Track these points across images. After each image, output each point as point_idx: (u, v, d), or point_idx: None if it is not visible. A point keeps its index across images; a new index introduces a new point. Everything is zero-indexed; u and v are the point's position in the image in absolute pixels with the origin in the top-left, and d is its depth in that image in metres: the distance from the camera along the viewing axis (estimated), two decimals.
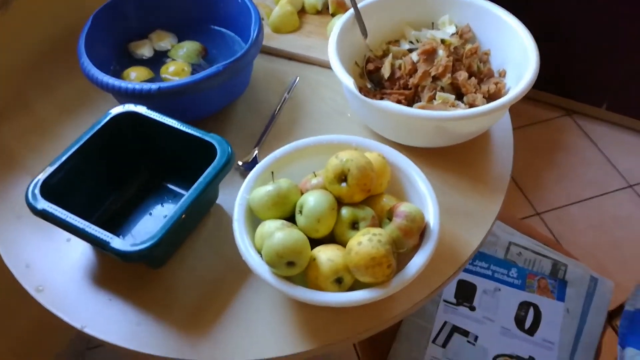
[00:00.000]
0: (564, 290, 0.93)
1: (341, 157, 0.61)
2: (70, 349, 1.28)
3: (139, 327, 0.63)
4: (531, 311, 0.91)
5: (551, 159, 1.83)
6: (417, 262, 0.57)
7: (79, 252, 0.70)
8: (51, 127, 0.85)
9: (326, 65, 0.88)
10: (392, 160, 0.67)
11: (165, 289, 0.67)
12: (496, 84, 0.81)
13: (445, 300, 0.92)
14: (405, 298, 0.64)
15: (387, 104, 0.70)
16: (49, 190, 0.65)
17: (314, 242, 0.61)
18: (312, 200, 0.60)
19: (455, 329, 0.89)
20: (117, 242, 0.59)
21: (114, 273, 0.68)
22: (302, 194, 0.64)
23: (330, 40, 0.79)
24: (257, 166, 0.67)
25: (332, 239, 0.62)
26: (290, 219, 0.63)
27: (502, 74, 0.83)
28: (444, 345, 0.87)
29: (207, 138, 0.68)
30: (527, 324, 0.89)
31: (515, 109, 0.79)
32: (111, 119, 0.71)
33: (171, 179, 0.76)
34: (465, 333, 0.88)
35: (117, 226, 0.72)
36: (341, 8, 1.00)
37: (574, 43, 1.74)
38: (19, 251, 0.71)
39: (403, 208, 0.59)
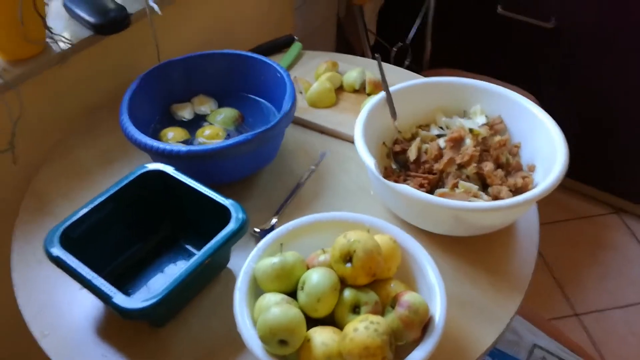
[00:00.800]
0: None
1: (349, 237, 0.60)
2: None
3: None
4: None
5: (595, 256, 1.74)
6: (416, 357, 0.55)
7: (89, 303, 0.71)
8: (88, 175, 0.90)
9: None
10: (403, 245, 0.66)
11: (163, 350, 0.66)
12: (524, 178, 0.79)
13: None
14: None
15: (406, 189, 0.70)
16: (71, 238, 0.67)
17: (314, 321, 0.59)
18: (315, 278, 0.59)
19: None
20: (120, 298, 0.60)
21: (115, 327, 0.68)
22: (308, 269, 0.63)
23: (359, 119, 0.81)
24: (268, 236, 0.67)
25: (332, 319, 0.60)
26: (294, 293, 0.62)
27: (531, 169, 0.81)
28: None
29: (223, 202, 0.70)
30: None
31: (561, 202, 0.77)
32: (138, 176, 0.74)
33: (189, 238, 0.78)
34: None
35: (130, 281, 0.73)
36: (378, 89, 1.03)
37: (626, 138, 1.70)
38: (33, 295, 0.72)
39: (407, 297, 0.58)
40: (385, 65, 1.09)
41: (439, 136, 0.86)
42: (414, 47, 1.65)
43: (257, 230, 0.79)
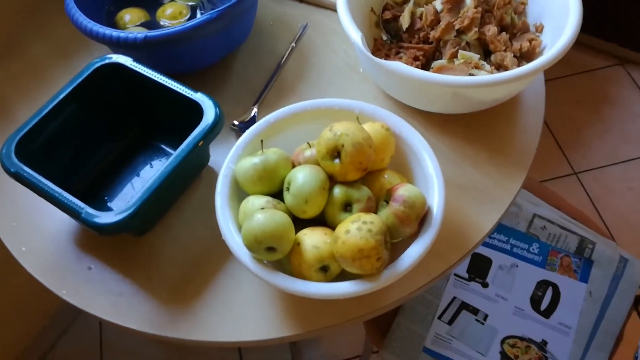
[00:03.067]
0: (588, 271, 0.85)
1: (335, 131, 0.53)
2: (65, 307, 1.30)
3: (120, 297, 0.61)
4: (549, 291, 0.84)
5: (596, 112, 1.68)
6: (412, 254, 0.51)
7: (65, 215, 0.67)
8: (45, 72, 0.80)
9: None
10: (398, 132, 0.60)
11: (149, 259, 0.63)
12: (530, 41, 0.70)
13: (456, 275, 0.86)
14: (400, 286, 0.58)
15: (397, 65, 0.61)
16: (32, 147, 0.61)
17: (303, 222, 0.55)
18: (301, 178, 0.53)
19: (464, 306, 0.83)
20: (89, 214, 0.55)
21: (97, 238, 0.64)
22: (294, 166, 0.58)
23: None
24: (247, 132, 0.60)
25: (323, 219, 0.56)
26: (279, 193, 0.57)
27: (539, 29, 0.72)
28: (450, 323, 0.82)
29: (192, 97, 0.62)
30: (544, 305, 0.83)
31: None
32: (95, 71, 0.65)
33: (162, 136, 0.71)
34: (474, 311, 0.83)
35: (104, 187, 0.68)
36: None
37: None
38: (6, 209, 0.68)
39: (402, 192, 0.52)
40: None
41: None
42: None
43: (236, 122, 0.72)
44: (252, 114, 0.73)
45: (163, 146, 0.71)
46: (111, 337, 1.33)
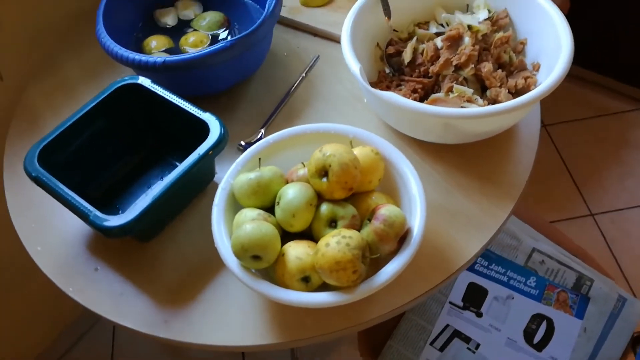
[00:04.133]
0: (584, 307, 0.86)
1: (324, 151, 0.58)
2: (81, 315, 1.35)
3: (121, 297, 0.65)
4: (543, 325, 0.85)
5: (617, 155, 1.67)
6: (389, 270, 0.54)
7: (79, 219, 0.72)
8: (75, 90, 0.88)
9: None
10: (387, 156, 0.63)
11: (151, 264, 0.68)
12: (526, 78, 0.73)
13: (451, 303, 0.87)
14: (383, 302, 0.61)
15: (391, 96, 0.65)
16: (52, 155, 0.67)
17: (292, 236, 0.59)
18: (291, 194, 0.57)
19: (456, 334, 0.84)
20: (97, 217, 0.60)
21: (105, 242, 0.70)
22: (287, 183, 0.62)
23: (346, 19, 0.75)
24: (248, 151, 0.65)
25: (310, 233, 0.59)
26: (272, 208, 0.61)
27: (536, 68, 0.75)
28: (441, 349, 0.83)
29: (201, 116, 0.67)
30: (537, 339, 0.84)
31: (583, 98, 0.71)
32: (115, 89, 0.72)
33: (174, 152, 0.76)
34: (466, 339, 0.84)
35: (117, 197, 0.73)
36: None
37: None
38: (26, 211, 0.74)
39: (384, 211, 0.56)
40: None
41: (437, 35, 0.80)
42: None
43: (243, 143, 0.77)
44: (259, 136, 0.78)
45: (174, 161, 0.76)
46: (123, 346, 1.37)
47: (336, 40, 0.90)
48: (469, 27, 0.75)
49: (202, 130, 0.67)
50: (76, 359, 1.36)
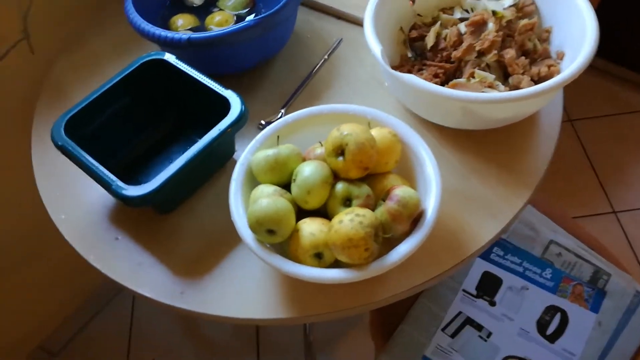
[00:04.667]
0: (600, 301, 0.85)
1: (342, 130, 0.58)
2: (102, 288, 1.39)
3: (139, 267, 0.67)
4: (557, 317, 0.84)
5: None
6: (401, 250, 0.55)
7: (102, 189, 0.74)
8: (103, 64, 0.90)
9: None
10: (404, 138, 0.63)
11: (169, 235, 0.69)
12: (549, 66, 0.73)
13: (464, 290, 0.88)
14: (395, 283, 0.62)
15: (410, 78, 0.65)
16: (78, 126, 0.69)
17: (307, 213, 0.60)
18: (307, 171, 0.58)
19: (468, 321, 0.85)
20: (118, 186, 0.62)
21: (126, 212, 0.72)
22: (304, 161, 0.63)
23: (370, 1, 0.75)
24: (266, 129, 0.66)
25: (325, 211, 0.60)
26: (289, 185, 0.62)
27: (560, 56, 0.74)
28: (452, 336, 0.83)
29: (222, 93, 0.68)
30: (550, 330, 0.83)
31: (610, 93, 0.70)
32: (141, 64, 0.73)
33: (195, 128, 0.78)
34: (478, 327, 0.84)
35: (139, 170, 0.75)
36: None
37: None
38: (52, 180, 0.76)
39: (398, 191, 0.56)
40: None
41: (461, 20, 0.79)
42: None
43: (264, 122, 0.78)
44: (279, 116, 0.79)
45: (196, 138, 0.77)
46: (142, 320, 1.41)
47: (360, 23, 0.90)
48: (494, 12, 0.74)
49: (224, 107, 0.68)
50: (95, 330, 1.40)
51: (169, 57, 0.73)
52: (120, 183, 0.62)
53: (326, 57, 0.86)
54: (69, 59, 0.91)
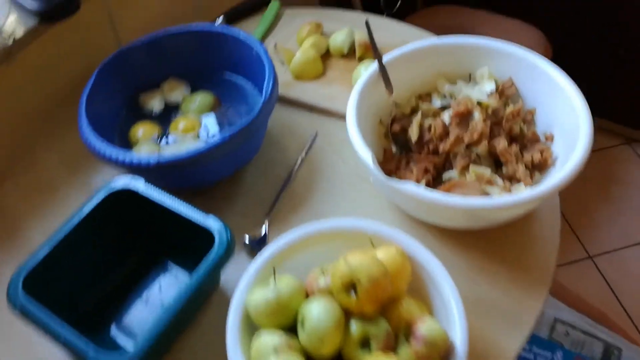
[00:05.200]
0: None
1: (350, 263, 0.52)
2: None
3: None
4: None
5: (606, 192, 1.67)
6: None
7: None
8: (55, 186, 0.81)
9: None
10: (413, 255, 0.58)
11: None
12: (542, 151, 0.70)
13: None
14: None
15: (410, 188, 0.61)
16: (37, 275, 0.59)
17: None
18: (316, 315, 0.51)
19: None
20: (95, 354, 0.52)
21: None
22: (307, 295, 0.56)
23: (350, 103, 0.70)
24: (259, 261, 0.59)
25: (339, 355, 0.53)
26: (294, 326, 0.54)
27: (549, 138, 0.72)
28: None
29: (204, 224, 0.61)
30: None
31: None
32: (106, 196, 0.65)
33: (172, 255, 0.70)
34: None
35: (111, 312, 0.66)
36: (369, 51, 0.91)
37: (636, 64, 1.58)
38: (12, 344, 0.65)
39: (422, 329, 0.50)
40: (373, 19, 0.98)
41: (442, 108, 0.76)
42: None
43: (247, 239, 0.71)
44: (264, 230, 0.72)
45: (171, 262, 0.69)
46: None
47: (334, 115, 0.86)
48: (479, 103, 0.71)
49: (202, 233, 0.61)
50: None
51: (137, 186, 0.65)
52: (98, 353, 0.52)
53: (303, 155, 0.81)
54: (15, 182, 0.81)
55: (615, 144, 1.77)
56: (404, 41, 0.92)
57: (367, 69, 0.84)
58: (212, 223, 0.61)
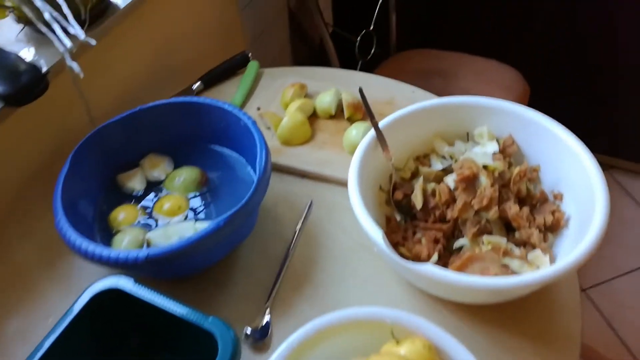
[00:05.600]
0: None
1: None
2: None
3: None
4: None
5: None
6: None
7: None
8: (31, 280, 0.73)
9: (344, 184, 0.74)
10: (440, 346, 0.53)
11: None
12: (553, 212, 0.67)
13: None
14: None
15: (431, 271, 0.56)
16: None
17: None
18: None
19: None
20: None
21: None
22: None
23: (350, 172, 0.66)
24: None
25: None
26: None
27: (558, 197, 0.69)
28: None
29: (205, 326, 0.55)
30: None
31: None
32: (92, 298, 0.58)
33: (166, 349, 0.63)
34: None
35: None
36: (358, 111, 0.88)
37: (613, 94, 1.61)
38: None
39: None
40: (357, 77, 0.95)
41: (444, 171, 0.73)
42: (378, 31, 1.48)
43: (249, 331, 0.65)
44: (266, 319, 0.66)
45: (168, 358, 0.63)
46: None
47: (328, 180, 0.82)
48: (485, 167, 0.68)
49: (200, 331, 0.55)
50: None
51: (125, 284, 0.59)
52: None
53: (299, 226, 0.76)
54: None
55: None
56: (392, 97, 0.89)
57: (359, 132, 0.81)
58: (213, 326, 0.55)
